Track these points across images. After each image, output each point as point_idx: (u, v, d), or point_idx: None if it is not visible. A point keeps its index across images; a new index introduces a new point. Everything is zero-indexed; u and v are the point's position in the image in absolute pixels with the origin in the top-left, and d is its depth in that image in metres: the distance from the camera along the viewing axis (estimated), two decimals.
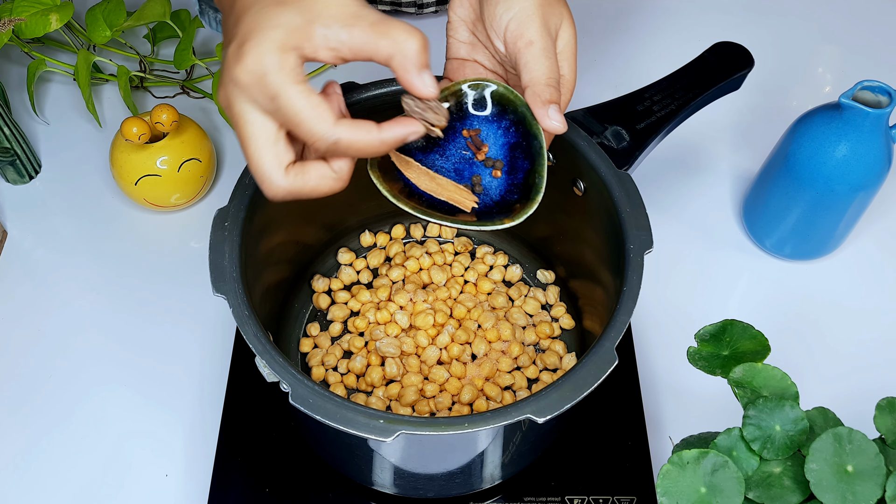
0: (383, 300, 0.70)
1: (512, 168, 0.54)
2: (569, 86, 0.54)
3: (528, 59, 0.51)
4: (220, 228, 0.55)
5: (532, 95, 0.51)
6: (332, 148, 0.45)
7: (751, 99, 0.88)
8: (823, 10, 1.00)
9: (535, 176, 0.52)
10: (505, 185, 0.54)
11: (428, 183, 0.53)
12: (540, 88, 0.51)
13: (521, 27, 0.52)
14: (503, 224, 0.51)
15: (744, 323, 0.51)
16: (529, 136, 0.53)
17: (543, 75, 0.51)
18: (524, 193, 0.52)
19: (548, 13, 0.52)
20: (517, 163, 0.54)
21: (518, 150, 0.54)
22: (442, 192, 0.53)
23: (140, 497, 0.64)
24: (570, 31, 0.54)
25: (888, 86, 0.65)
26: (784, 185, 0.72)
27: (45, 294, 0.75)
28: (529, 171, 0.53)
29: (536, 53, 0.51)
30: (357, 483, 0.62)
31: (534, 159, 0.53)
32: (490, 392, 0.64)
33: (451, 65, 0.57)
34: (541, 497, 0.62)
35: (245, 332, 0.51)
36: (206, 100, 0.89)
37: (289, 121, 0.45)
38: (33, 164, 0.82)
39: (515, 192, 0.53)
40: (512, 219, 0.51)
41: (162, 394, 0.69)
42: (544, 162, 0.52)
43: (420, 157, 0.54)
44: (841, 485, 0.44)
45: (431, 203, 0.53)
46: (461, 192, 0.54)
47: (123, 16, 0.81)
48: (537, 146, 0.53)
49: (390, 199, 0.51)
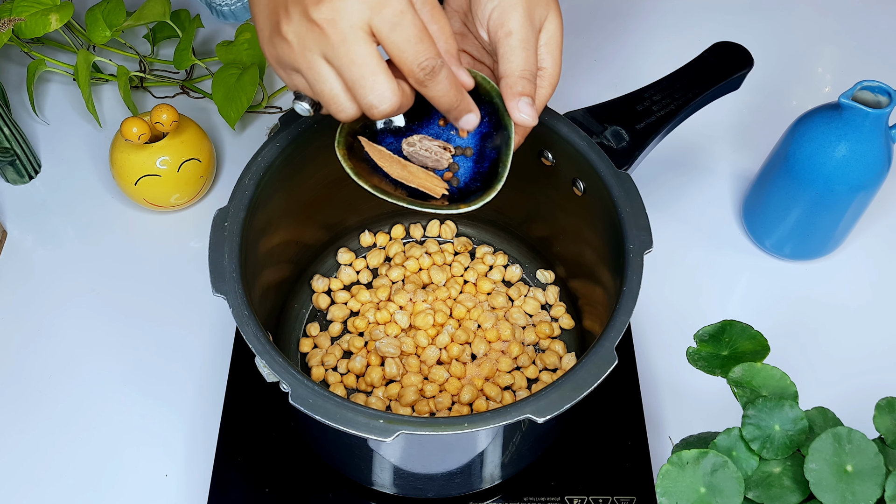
0: (383, 300, 0.70)
1: (480, 157, 0.54)
2: (550, 79, 0.53)
3: (505, 50, 0.51)
4: (220, 228, 0.55)
5: (505, 87, 0.51)
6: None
7: (751, 99, 0.88)
8: (823, 9, 1.00)
9: (500, 165, 0.53)
10: (470, 173, 0.54)
11: (399, 171, 0.54)
12: (513, 80, 0.51)
13: (503, 16, 0.51)
14: (458, 209, 0.52)
15: (742, 323, 0.51)
16: (500, 127, 0.53)
17: (518, 67, 0.51)
18: (487, 181, 0.53)
19: (533, 3, 0.52)
20: (485, 152, 0.54)
21: (488, 140, 0.54)
22: (413, 180, 0.54)
23: (140, 497, 0.64)
24: (556, 23, 0.53)
25: (888, 86, 0.65)
26: (784, 185, 0.72)
27: (45, 294, 0.75)
28: (495, 160, 0.53)
29: (514, 44, 0.51)
30: (357, 483, 0.62)
31: (501, 150, 0.53)
32: (490, 392, 0.65)
33: None
34: (541, 497, 0.62)
35: (245, 332, 0.51)
36: (206, 100, 0.89)
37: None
38: (33, 164, 0.82)
39: (478, 179, 0.54)
40: (468, 204, 0.52)
41: (162, 393, 0.69)
42: (510, 153, 0.53)
43: (391, 139, 0.55)
44: (840, 484, 0.44)
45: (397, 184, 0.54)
46: (431, 178, 0.54)
47: (123, 16, 0.81)
48: (506, 136, 0.53)
49: (354, 178, 0.52)
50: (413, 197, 0.54)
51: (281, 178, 0.60)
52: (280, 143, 0.59)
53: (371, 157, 0.54)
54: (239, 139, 0.86)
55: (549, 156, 0.63)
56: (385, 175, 0.54)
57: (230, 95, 0.80)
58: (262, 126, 0.87)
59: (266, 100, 0.88)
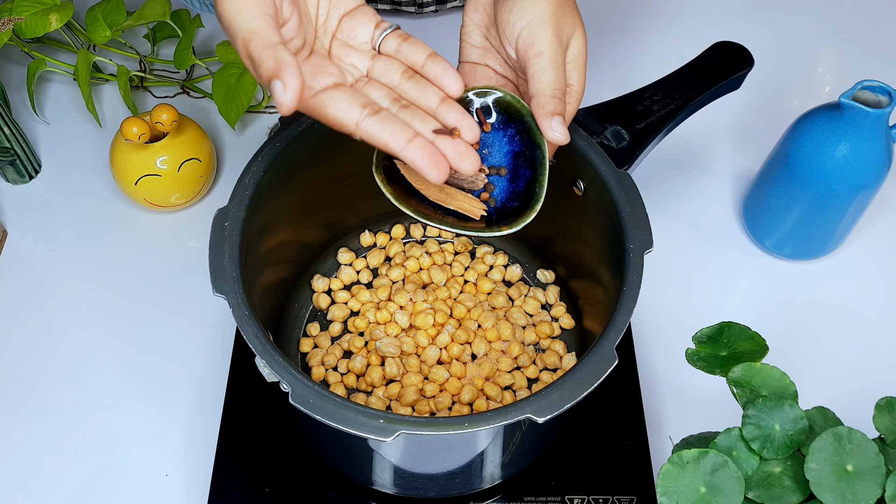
0: (383, 300, 0.70)
1: (514, 176, 0.54)
2: (576, 95, 0.54)
3: (536, 70, 0.52)
4: (220, 228, 0.55)
5: (537, 106, 0.51)
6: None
7: (751, 99, 0.88)
8: (823, 9, 1.00)
9: (535, 185, 0.53)
10: (507, 193, 0.54)
11: (437, 193, 0.54)
12: (545, 100, 0.51)
13: (533, 36, 0.52)
14: (501, 231, 0.52)
15: (740, 324, 0.51)
16: (533, 146, 0.53)
17: (549, 87, 0.51)
18: (524, 201, 0.53)
19: (561, 22, 0.53)
20: (520, 171, 0.54)
21: (521, 159, 0.54)
22: (451, 202, 0.54)
23: (140, 497, 0.64)
24: (582, 41, 0.54)
25: (888, 86, 0.65)
26: (784, 184, 0.72)
27: (44, 293, 0.75)
28: (531, 179, 0.53)
29: (545, 64, 0.52)
30: (357, 483, 0.62)
31: (536, 168, 0.53)
32: (490, 392, 0.65)
33: (462, 68, 0.57)
34: (541, 497, 0.62)
35: (245, 332, 0.51)
36: (206, 99, 0.89)
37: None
38: (33, 163, 0.82)
39: (516, 199, 0.53)
40: (510, 226, 0.52)
41: (162, 393, 0.69)
42: (545, 172, 0.53)
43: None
44: (841, 484, 0.44)
45: (434, 206, 0.53)
46: (470, 200, 0.54)
47: (123, 16, 0.81)
48: (540, 156, 0.53)
49: (394, 202, 0.51)
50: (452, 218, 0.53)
51: (281, 178, 0.60)
52: (280, 143, 0.59)
53: (408, 179, 0.54)
54: (239, 139, 0.86)
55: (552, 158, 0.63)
56: (421, 198, 0.53)
57: (230, 95, 0.80)
58: (262, 126, 0.87)
59: (266, 100, 0.88)
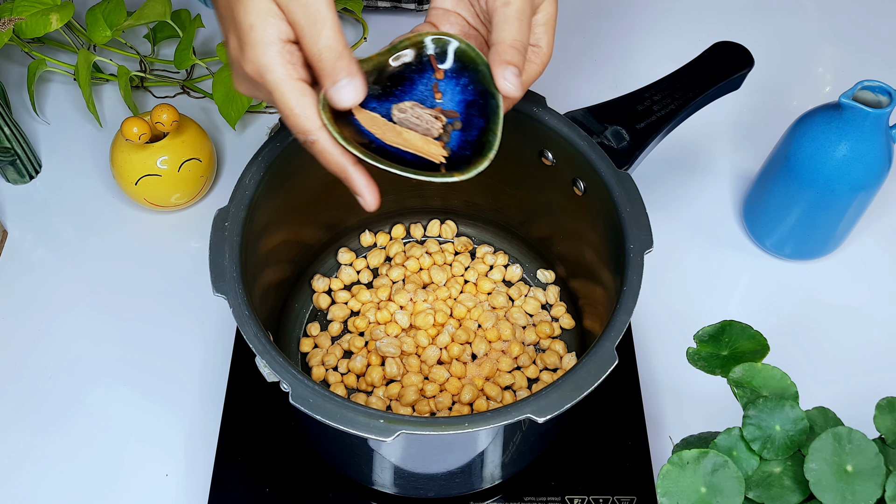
0: (383, 300, 0.70)
1: (467, 125, 0.54)
2: (543, 58, 0.54)
3: (500, 19, 0.51)
4: (220, 228, 0.55)
5: (494, 54, 0.51)
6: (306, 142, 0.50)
7: (751, 99, 0.88)
8: (823, 9, 1.00)
9: (489, 134, 0.52)
10: (458, 141, 0.54)
11: (394, 137, 0.53)
12: (503, 48, 0.51)
13: None
14: (453, 177, 0.51)
15: (742, 323, 0.51)
16: (487, 95, 0.53)
17: (510, 36, 0.51)
18: (476, 150, 0.52)
19: None
20: (472, 120, 0.54)
21: (474, 108, 0.54)
22: (409, 146, 0.53)
23: (140, 497, 0.64)
24: (553, 6, 0.54)
25: (888, 86, 0.65)
26: (784, 184, 0.72)
27: (44, 293, 0.75)
28: (484, 128, 0.53)
29: (510, 14, 0.51)
30: (357, 483, 0.62)
31: (489, 118, 0.53)
32: (490, 392, 0.65)
33: (434, 13, 0.56)
34: (541, 497, 0.62)
35: (245, 332, 0.51)
36: (206, 100, 0.89)
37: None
38: (33, 163, 0.82)
39: (468, 148, 0.53)
40: (462, 173, 0.51)
41: (162, 393, 0.69)
42: (499, 121, 0.52)
43: (374, 104, 0.54)
44: (841, 484, 0.44)
45: (384, 151, 0.52)
46: (429, 144, 0.53)
47: (123, 16, 0.81)
48: (494, 105, 0.52)
49: (341, 141, 0.50)
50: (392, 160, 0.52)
51: (281, 178, 0.60)
52: (280, 143, 0.59)
53: (361, 123, 0.52)
54: (239, 139, 0.86)
55: (550, 156, 0.63)
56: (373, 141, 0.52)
57: (231, 95, 0.80)
58: (262, 126, 0.87)
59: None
